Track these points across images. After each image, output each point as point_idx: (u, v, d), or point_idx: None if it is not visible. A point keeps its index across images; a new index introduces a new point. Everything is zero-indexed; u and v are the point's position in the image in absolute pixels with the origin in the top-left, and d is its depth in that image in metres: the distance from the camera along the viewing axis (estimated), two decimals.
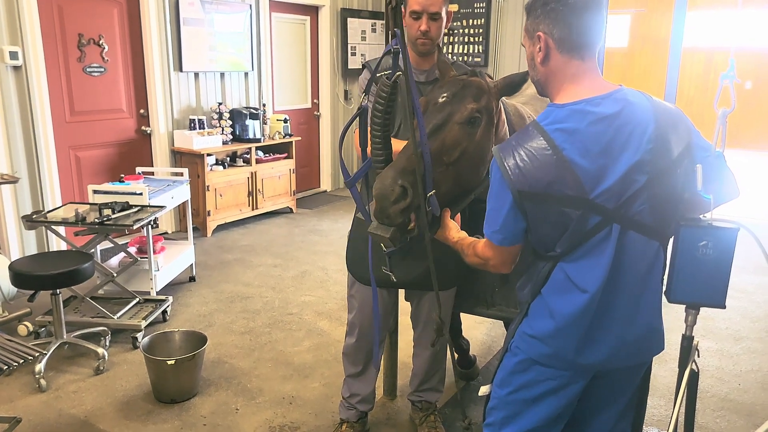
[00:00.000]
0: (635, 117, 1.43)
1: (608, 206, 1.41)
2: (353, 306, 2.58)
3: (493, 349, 3.65)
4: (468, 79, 1.89)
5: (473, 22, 7.39)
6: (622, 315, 1.48)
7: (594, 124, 1.42)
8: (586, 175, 1.40)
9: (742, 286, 4.62)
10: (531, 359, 1.57)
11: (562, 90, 1.50)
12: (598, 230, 1.42)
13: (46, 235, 4.72)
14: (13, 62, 4.36)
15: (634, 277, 1.46)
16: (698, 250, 1.39)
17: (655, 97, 1.51)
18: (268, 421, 2.89)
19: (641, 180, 1.41)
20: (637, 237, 1.44)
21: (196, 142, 5.60)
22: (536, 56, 1.52)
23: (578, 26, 1.45)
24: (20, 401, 3.00)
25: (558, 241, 1.47)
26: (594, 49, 1.49)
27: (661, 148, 1.42)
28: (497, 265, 1.62)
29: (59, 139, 4.85)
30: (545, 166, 1.41)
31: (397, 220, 1.77)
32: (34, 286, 3.16)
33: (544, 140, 1.42)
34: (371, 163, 1.95)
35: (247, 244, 5.60)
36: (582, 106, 1.44)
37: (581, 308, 1.46)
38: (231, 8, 6.14)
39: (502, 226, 1.50)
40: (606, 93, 1.46)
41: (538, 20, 1.49)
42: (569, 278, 1.47)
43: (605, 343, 1.49)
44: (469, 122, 1.82)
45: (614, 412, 1.65)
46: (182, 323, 3.89)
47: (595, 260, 1.44)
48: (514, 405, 1.62)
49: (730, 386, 3.26)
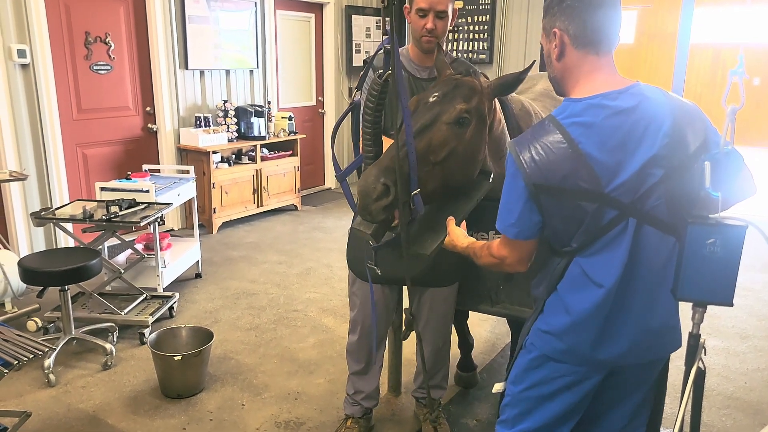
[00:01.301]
0: (651, 112, 1.44)
1: (624, 200, 1.41)
2: (355, 303, 2.58)
3: (497, 346, 3.65)
4: (461, 79, 1.90)
5: (478, 19, 7.36)
6: (639, 310, 1.48)
7: (610, 118, 1.42)
8: (602, 168, 1.40)
9: (749, 284, 4.61)
10: (545, 356, 1.57)
11: (578, 85, 1.51)
12: (615, 225, 1.42)
13: (54, 231, 4.74)
14: (21, 60, 4.38)
15: (650, 272, 1.46)
16: (706, 247, 1.38)
17: (671, 93, 1.51)
18: (274, 417, 2.90)
19: (657, 174, 1.41)
20: (653, 232, 1.44)
21: (202, 139, 5.62)
22: (552, 52, 1.53)
23: (593, 22, 1.46)
24: (30, 396, 3.03)
25: (574, 236, 1.47)
26: (610, 45, 1.50)
27: (678, 143, 1.42)
28: (513, 263, 1.60)
29: (67, 136, 4.87)
30: (561, 160, 1.41)
31: (378, 217, 1.79)
32: (43, 283, 3.18)
33: (560, 134, 1.43)
34: (362, 158, 1.97)
35: (253, 241, 5.61)
36: (598, 100, 1.44)
37: (597, 303, 1.46)
38: (236, 6, 6.15)
39: (518, 219, 1.50)
40: (623, 88, 1.46)
41: (554, 17, 1.50)
42: (585, 273, 1.48)
43: (621, 338, 1.49)
44: (458, 122, 1.83)
45: (627, 410, 1.65)
46: (188, 319, 3.91)
47: (612, 255, 1.44)
48: (527, 402, 1.62)
49: (737, 384, 3.26)
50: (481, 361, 3.40)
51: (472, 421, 2.90)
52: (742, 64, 1.42)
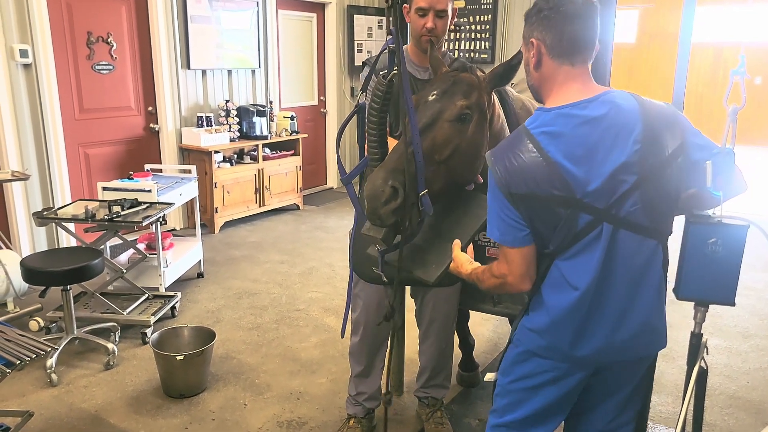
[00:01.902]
0: (621, 119, 1.46)
1: (598, 206, 1.44)
2: (357, 304, 2.57)
3: (499, 346, 3.65)
4: (458, 75, 1.90)
5: (480, 18, 7.37)
6: (614, 311, 1.51)
7: (579, 127, 1.46)
8: (573, 176, 1.43)
9: (751, 284, 4.60)
10: (530, 351, 1.62)
11: (552, 94, 1.55)
12: (590, 230, 1.46)
13: (56, 231, 4.75)
14: (23, 60, 4.39)
15: (627, 274, 1.49)
16: (707, 247, 1.39)
17: (646, 98, 1.53)
18: (276, 416, 2.91)
19: (630, 180, 1.43)
20: (631, 236, 1.47)
21: (204, 139, 5.62)
22: (530, 61, 1.57)
23: (569, 33, 1.49)
24: (32, 395, 3.04)
25: (551, 240, 1.51)
26: (585, 55, 1.52)
27: (651, 147, 1.44)
28: (516, 281, 1.58)
29: (69, 136, 4.88)
30: (533, 168, 1.45)
31: (388, 221, 1.77)
32: (45, 282, 3.18)
33: (531, 143, 1.47)
34: (368, 160, 1.95)
35: (255, 241, 5.62)
36: (567, 110, 1.49)
37: (572, 304, 1.50)
38: (238, 5, 6.16)
39: (506, 228, 1.53)
40: (593, 96, 1.50)
41: (532, 27, 1.55)
42: (563, 275, 1.52)
43: (597, 338, 1.53)
44: (459, 119, 1.83)
45: (611, 406, 1.69)
46: (191, 319, 3.92)
47: (587, 259, 1.48)
48: (515, 393, 1.68)
49: (739, 384, 3.25)
50: (483, 360, 3.41)
51: (475, 421, 2.90)
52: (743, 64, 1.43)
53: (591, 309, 1.51)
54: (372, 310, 2.50)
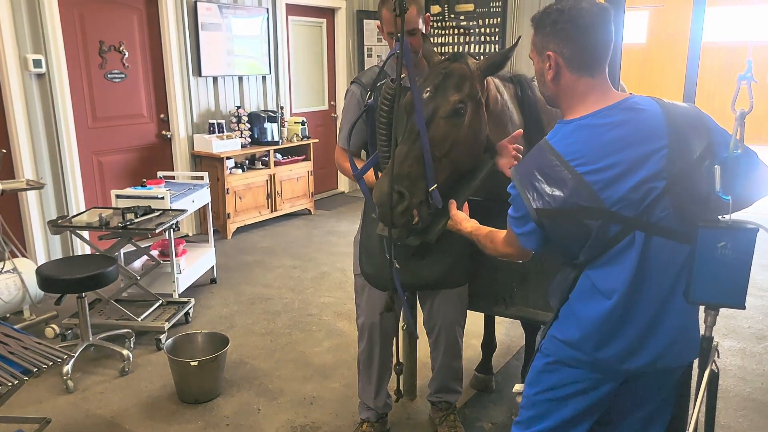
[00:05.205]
0: (645, 124, 1.44)
1: (627, 214, 1.42)
2: (363, 310, 2.59)
3: (512, 348, 3.65)
4: (449, 67, 1.95)
5: (489, 22, 7.36)
6: (649, 319, 1.48)
7: (602, 136, 1.45)
8: (600, 186, 1.42)
9: (765, 285, 4.56)
10: (559, 361, 1.59)
11: (572, 107, 1.53)
12: (621, 238, 1.44)
13: (71, 239, 4.80)
14: (36, 70, 4.45)
15: (661, 282, 1.47)
16: (717, 250, 1.38)
17: (668, 101, 1.51)
18: (290, 421, 2.92)
19: (659, 186, 1.41)
20: (664, 242, 1.44)
21: (216, 145, 5.67)
22: (546, 74, 1.54)
23: (587, 45, 1.47)
24: (49, 402, 3.07)
25: (581, 250, 1.49)
26: (603, 64, 1.51)
27: (678, 151, 1.42)
28: (522, 259, 1.69)
29: (82, 144, 4.94)
30: (559, 182, 1.44)
31: (399, 222, 1.93)
32: (61, 290, 3.23)
33: (554, 157, 1.46)
34: (378, 157, 2.13)
35: (267, 246, 5.65)
36: (588, 120, 1.47)
37: (605, 313, 1.48)
38: (248, 12, 6.20)
39: (527, 234, 1.55)
40: (614, 103, 1.48)
41: (547, 38, 1.51)
42: (594, 285, 1.50)
43: (627, 347, 1.50)
44: (454, 114, 1.90)
45: (639, 417, 1.65)
46: (204, 325, 3.94)
47: (620, 267, 1.45)
48: (541, 405, 1.64)
49: (753, 386, 3.23)
50: (495, 363, 3.39)
51: (488, 424, 2.90)
52: (750, 69, 1.42)
53: (623, 318, 1.48)
54: (377, 314, 2.52)
